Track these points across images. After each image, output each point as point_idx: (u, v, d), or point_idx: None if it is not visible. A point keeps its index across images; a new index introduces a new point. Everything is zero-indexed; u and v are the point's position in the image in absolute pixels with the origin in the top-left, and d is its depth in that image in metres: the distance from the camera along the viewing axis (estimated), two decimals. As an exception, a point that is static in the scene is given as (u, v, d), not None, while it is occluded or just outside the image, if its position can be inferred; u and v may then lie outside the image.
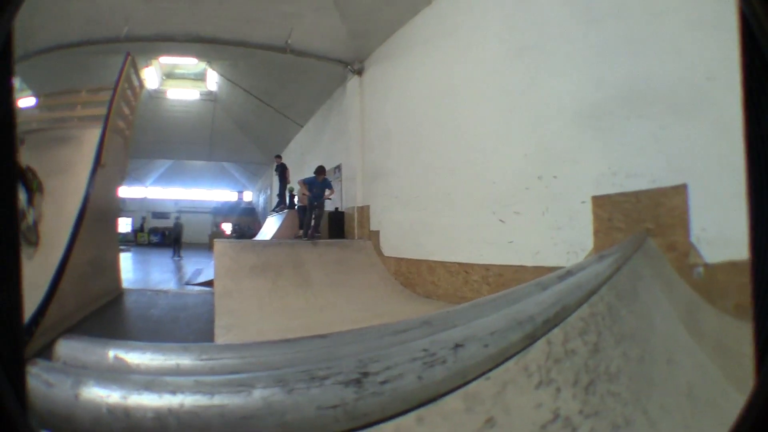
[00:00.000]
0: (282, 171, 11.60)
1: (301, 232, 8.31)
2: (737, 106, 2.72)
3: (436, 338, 1.13)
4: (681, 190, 3.69)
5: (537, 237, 4.51)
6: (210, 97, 15.60)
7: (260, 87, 11.43)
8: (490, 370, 1.07)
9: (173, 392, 0.87)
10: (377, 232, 7.71)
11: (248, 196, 26.20)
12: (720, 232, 3.45)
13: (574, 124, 4.32)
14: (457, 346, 1.06)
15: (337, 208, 9.24)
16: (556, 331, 1.29)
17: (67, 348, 1.27)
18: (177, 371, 1.22)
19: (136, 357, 1.25)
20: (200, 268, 10.93)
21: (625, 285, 2.14)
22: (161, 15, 7.17)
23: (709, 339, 2.49)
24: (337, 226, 8.85)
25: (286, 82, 10.37)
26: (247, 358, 1.29)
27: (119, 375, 1.03)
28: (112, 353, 1.24)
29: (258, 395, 0.87)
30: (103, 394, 0.88)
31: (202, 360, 1.26)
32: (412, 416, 0.94)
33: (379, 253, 7.46)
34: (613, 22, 4.06)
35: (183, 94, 15.74)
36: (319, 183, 7.51)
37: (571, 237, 4.20)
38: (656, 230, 3.80)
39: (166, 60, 13.54)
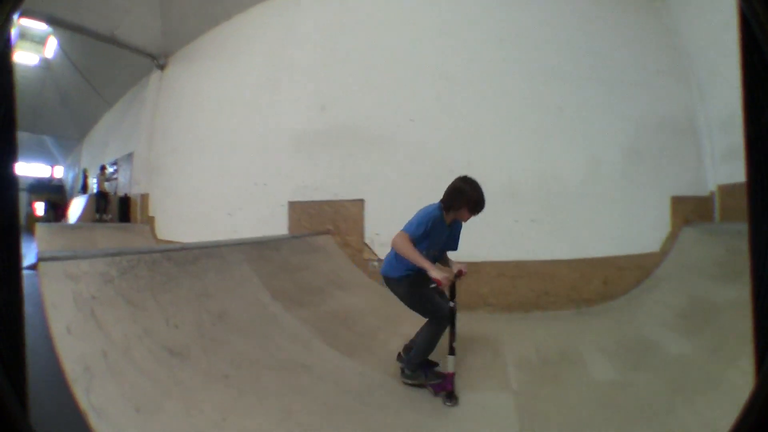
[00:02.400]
0: None
1: (98, 215, 9.54)
2: (416, 144, 4.71)
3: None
4: (359, 204, 5.31)
5: (252, 227, 5.94)
6: (44, 65, 14.51)
7: (86, 63, 11.35)
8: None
9: None
10: (153, 218, 8.64)
11: (59, 172, 22.67)
12: (389, 237, 4.48)
13: (288, 146, 5.97)
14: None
15: (126, 194, 9.98)
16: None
17: None
18: None
19: None
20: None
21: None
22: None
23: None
24: (124, 210, 9.78)
25: (105, 63, 10.45)
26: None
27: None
28: None
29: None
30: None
31: None
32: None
33: (155, 236, 8.33)
34: (330, 74, 5.79)
35: (23, 58, 14.23)
36: None
37: (273, 229, 5.73)
38: (335, 231, 5.44)
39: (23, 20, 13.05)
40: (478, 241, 4.05)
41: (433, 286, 2.53)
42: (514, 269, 4.41)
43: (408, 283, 2.59)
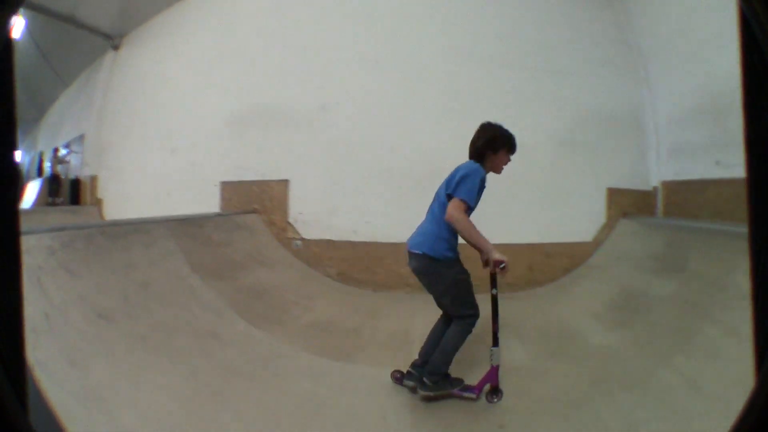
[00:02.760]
0: None
1: (50, 199, 9.48)
2: (341, 127, 4.82)
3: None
4: (284, 184, 5.39)
5: (187, 206, 5.94)
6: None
7: (47, 43, 11.16)
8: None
9: None
10: (101, 200, 8.64)
11: (17, 155, 24.40)
12: (313, 216, 4.92)
13: (222, 128, 6.02)
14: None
15: (76, 177, 9.80)
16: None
17: None
18: None
19: None
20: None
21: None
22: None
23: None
24: (75, 193, 9.64)
25: (65, 43, 10.14)
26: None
27: None
28: None
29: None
30: None
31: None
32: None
33: (102, 217, 8.28)
34: (264, 56, 5.83)
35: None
36: None
37: (208, 208, 5.85)
38: (262, 210, 5.55)
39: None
40: (400, 223, 4.21)
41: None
42: None
43: (460, 268, 2.22)
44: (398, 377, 2.49)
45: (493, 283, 2.31)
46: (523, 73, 4.99)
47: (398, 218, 3.62)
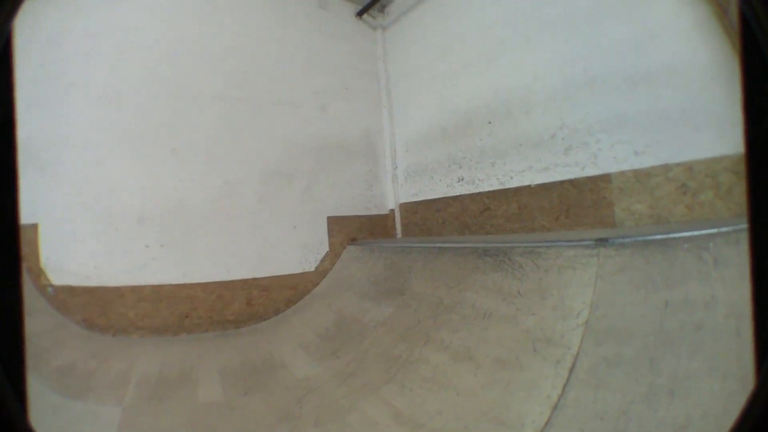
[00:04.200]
0: None
1: None
2: (175, 162, 3.88)
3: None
4: (35, 228, 4.38)
5: None
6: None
7: None
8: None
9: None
10: None
11: None
12: (59, 262, 4.34)
13: None
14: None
15: None
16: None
17: None
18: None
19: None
20: None
21: None
22: None
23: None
24: None
25: None
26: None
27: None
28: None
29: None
30: None
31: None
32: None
33: None
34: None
35: None
36: None
37: None
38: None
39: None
40: (111, 266, 4.04)
41: None
42: (151, 293, 4.26)
43: None
44: None
45: None
46: (239, 106, 4.65)
47: (107, 261, 3.73)
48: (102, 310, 4.17)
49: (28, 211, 4.26)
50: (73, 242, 4.22)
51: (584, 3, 3.13)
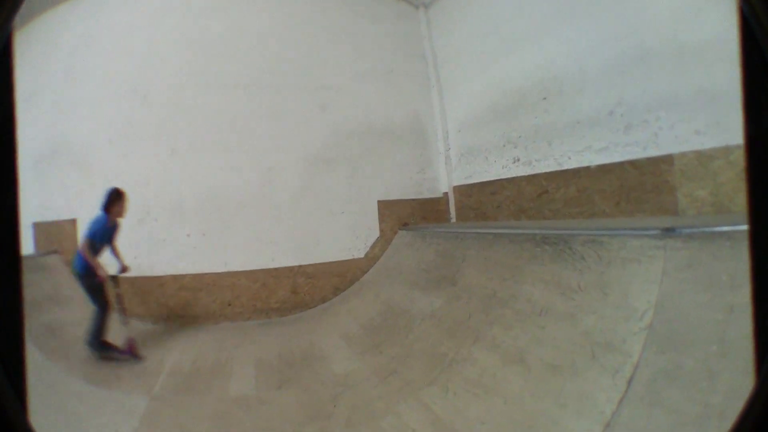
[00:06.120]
0: None
1: None
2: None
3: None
4: (73, 223, 4.57)
5: None
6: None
7: None
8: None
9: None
10: None
11: None
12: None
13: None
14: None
15: None
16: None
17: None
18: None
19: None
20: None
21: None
22: None
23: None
24: None
25: None
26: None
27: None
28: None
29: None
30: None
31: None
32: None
33: None
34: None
35: None
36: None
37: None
38: (61, 250, 4.69)
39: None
40: (151, 256, 4.06)
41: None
42: (192, 282, 4.24)
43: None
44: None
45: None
46: (278, 92, 4.56)
47: (150, 250, 3.87)
48: (141, 299, 4.20)
49: (65, 207, 4.63)
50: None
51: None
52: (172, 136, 4.33)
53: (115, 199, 3.43)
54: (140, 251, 4.13)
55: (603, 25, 3.17)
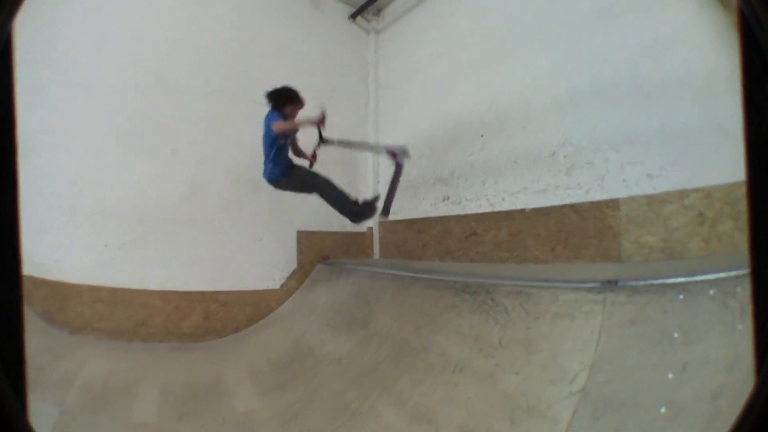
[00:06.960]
0: None
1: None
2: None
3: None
4: None
5: None
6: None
7: None
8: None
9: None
10: None
11: None
12: (26, 251, 4.43)
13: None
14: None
15: None
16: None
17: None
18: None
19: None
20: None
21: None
22: None
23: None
24: None
25: None
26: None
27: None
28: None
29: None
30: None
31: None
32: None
33: None
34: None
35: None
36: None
37: None
38: None
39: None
40: (71, 262, 3.79)
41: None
42: (108, 295, 3.96)
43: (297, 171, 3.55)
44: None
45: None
46: (217, 102, 4.32)
47: (69, 257, 3.63)
48: (60, 305, 3.92)
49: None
50: (39, 232, 3.79)
51: (590, 6, 2.79)
52: (105, 134, 3.99)
53: (287, 100, 3.38)
54: (64, 254, 3.84)
55: (556, 57, 3.03)
